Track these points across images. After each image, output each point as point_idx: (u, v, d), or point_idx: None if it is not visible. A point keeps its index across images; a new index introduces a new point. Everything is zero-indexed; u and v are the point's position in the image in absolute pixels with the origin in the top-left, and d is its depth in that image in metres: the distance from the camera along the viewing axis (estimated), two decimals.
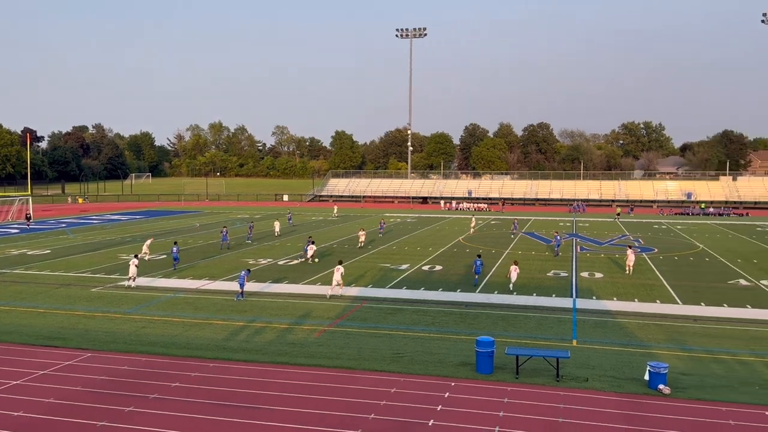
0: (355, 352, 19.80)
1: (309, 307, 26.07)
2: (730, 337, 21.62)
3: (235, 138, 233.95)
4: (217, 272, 34.42)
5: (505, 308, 25.96)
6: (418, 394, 16.09)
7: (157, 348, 20.19)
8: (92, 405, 15.31)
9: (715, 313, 25.18)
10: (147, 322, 23.62)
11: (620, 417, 14.68)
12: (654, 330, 22.64)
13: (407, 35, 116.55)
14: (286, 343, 20.85)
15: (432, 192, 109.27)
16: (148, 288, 30.15)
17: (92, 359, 19.03)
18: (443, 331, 22.38)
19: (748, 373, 17.89)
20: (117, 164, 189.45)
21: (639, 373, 17.45)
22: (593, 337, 21.73)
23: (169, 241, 46.87)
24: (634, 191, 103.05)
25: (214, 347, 20.30)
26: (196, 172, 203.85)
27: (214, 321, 23.81)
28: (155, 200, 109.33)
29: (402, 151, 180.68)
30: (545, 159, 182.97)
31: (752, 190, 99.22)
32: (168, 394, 16.11)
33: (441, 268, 36.24)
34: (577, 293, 29.16)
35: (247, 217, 73.58)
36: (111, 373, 17.73)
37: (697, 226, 64.28)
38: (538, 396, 15.95)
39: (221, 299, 27.67)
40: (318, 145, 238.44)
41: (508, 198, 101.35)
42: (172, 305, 26.58)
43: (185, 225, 63.79)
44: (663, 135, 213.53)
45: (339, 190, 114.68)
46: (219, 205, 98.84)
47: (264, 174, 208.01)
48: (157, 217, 75.09)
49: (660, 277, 33.34)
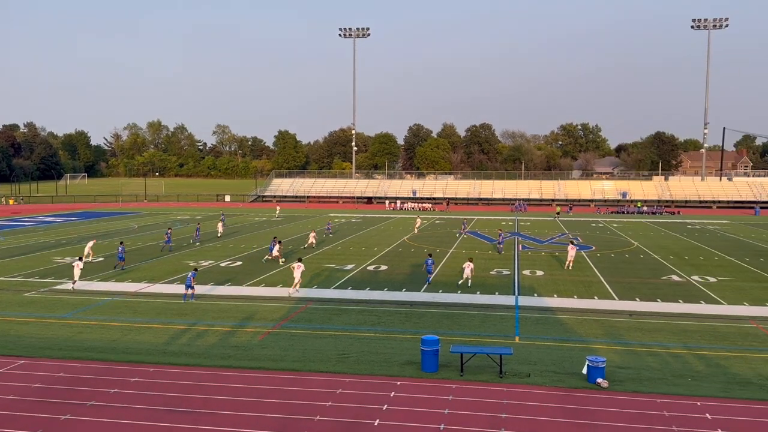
0: (300, 353, 19.67)
1: (252, 310, 25.75)
2: (664, 331, 22.42)
3: (175, 137, 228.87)
4: (157, 275, 33.63)
5: (449, 307, 26.25)
6: (364, 394, 16.10)
7: (94, 353, 19.57)
8: (26, 414, 14.72)
9: (650, 308, 26.07)
10: (83, 327, 22.87)
11: (561, 411, 15.04)
12: (592, 325, 23.29)
13: (350, 35, 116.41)
14: (229, 346, 20.53)
15: (377, 192, 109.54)
16: (85, 292, 29.20)
17: (25, 366, 18.30)
18: (389, 331, 22.46)
19: (680, 365, 18.60)
20: (51, 164, 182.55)
21: (578, 367, 17.91)
22: (535, 333, 22.20)
23: (106, 243, 45.58)
24: (572, 191, 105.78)
25: (154, 352, 19.81)
26: (134, 172, 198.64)
27: (154, 325, 23.26)
28: (92, 201, 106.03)
29: (346, 151, 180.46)
30: (488, 159, 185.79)
31: (683, 189, 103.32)
32: (106, 400, 15.64)
33: (386, 267, 36.37)
34: (519, 291, 29.73)
35: (188, 218, 72.14)
36: (45, 380, 17.09)
37: (632, 224, 66.46)
38: (482, 393, 16.19)
39: (161, 302, 27.04)
40: (260, 144, 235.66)
41: (452, 198, 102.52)
42: (110, 309, 25.82)
43: (123, 227, 62.07)
44: (599, 136, 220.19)
45: (283, 190, 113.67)
46: (158, 206, 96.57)
47: (205, 174, 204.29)
48: (94, 218, 72.83)
49: (598, 274, 34.32)
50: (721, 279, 32.81)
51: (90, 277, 32.73)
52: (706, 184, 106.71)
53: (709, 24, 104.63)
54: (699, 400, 15.67)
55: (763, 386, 16.73)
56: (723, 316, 24.78)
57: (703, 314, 24.99)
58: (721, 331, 22.38)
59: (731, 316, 24.77)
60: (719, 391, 16.31)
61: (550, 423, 14.37)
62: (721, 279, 32.82)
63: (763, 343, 21.00)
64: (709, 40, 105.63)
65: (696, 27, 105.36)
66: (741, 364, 18.62)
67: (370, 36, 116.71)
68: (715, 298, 28.18)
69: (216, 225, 54.72)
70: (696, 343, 20.85)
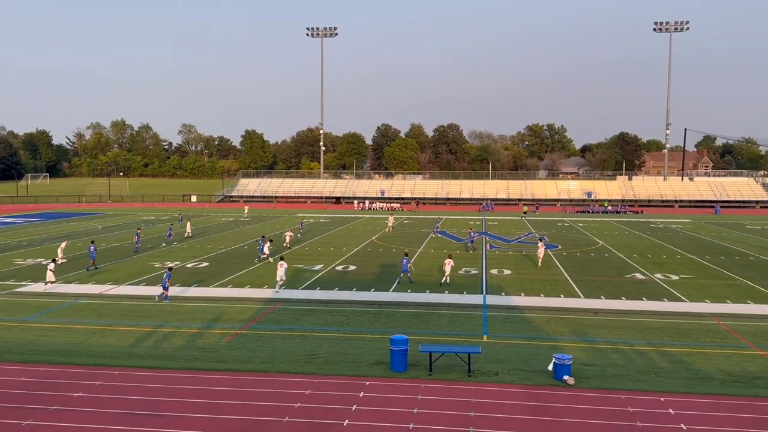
0: (268, 355, 19.53)
1: (220, 311, 25.49)
2: (628, 328, 22.81)
3: (140, 137, 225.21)
4: (122, 276, 33.07)
5: (418, 306, 26.32)
6: (333, 394, 16.06)
7: (57, 357, 19.17)
8: None
9: (614, 306, 26.49)
10: (46, 331, 22.38)
11: (528, 408, 15.20)
12: (559, 323, 23.59)
13: (318, 34, 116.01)
14: (196, 348, 20.29)
15: (345, 192, 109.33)
16: (49, 294, 28.58)
17: None
18: (358, 331, 22.44)
19: (644, 362, 18.95)
20: (11, 164, 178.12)
21: (545, 365, 18.12)
22: (503, 332, 22.39)
23: (69, 245, 44.70)
24: (539, 190, 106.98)
25: (119, 354, 19.49)
26: (98, 172, 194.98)
27: (119, 327, 22.87)
28: (54, 202, 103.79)
29: (314, 151, 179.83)
30: (455, 159, 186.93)
31: (646, 189, 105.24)
32: (70, 405, 15.33)
33: (355, 267, 36.32)
34: (487, 290, 29.96)
35: (153, 218, 71.09)
36: (6, 385, 16.68)
37: (597, 224, 67.50)
38: (450, 391, 16.27)
39: (126, 304, 26.59)
40: (227, 144, 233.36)
41: (420, 198, 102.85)
42: (74, 312, 25.31)
43: (86, 227, 60.90)
44: (565, 137, 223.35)
45: (250, 190, 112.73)
46: (123, 207, 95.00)
47: (170, 174, 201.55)
48: (57, 219, 71.31)
49: (564, 272, 34.77)
50: (683, 277, 33.51)
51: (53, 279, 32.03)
52: (669, 183, 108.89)
53: (671, 27, 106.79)
54: (662, 396, 15.98)
55: (724, 381, 17.15)
56: (685, 313, 25.31)
57: (666, 311, 25.51)
58: (683, 328, 22.86)
59: (693, 313, 25.32)
60: (682, 387, 16.67)
61: (518, 420, 14.51)
62: (683, 277, 33.52)
63: (724, 339, 21.51)
64: (670, 42, 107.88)
65: (658, 29, 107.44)
66: (703, 360, 19.04)
67: (337, 35, 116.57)
68: (677, 295, 28.76)
69: (185, 226, 54.01)
70: (659, 340, 21.26)
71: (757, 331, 22.44)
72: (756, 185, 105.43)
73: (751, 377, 17.51)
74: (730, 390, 16.48)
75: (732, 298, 28.30)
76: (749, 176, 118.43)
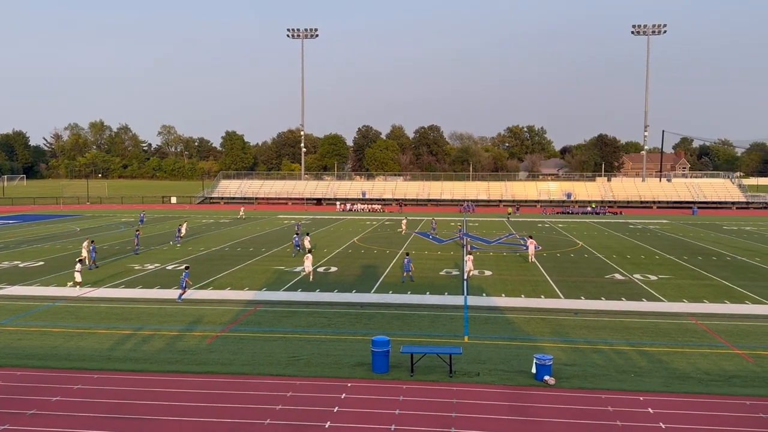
0: (249, 357, 19.43)
1: (200, 313, 25.31)
2: (608, 328, 23.02)
3: (118, 138, 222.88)
4: (100, 278, 32.70)
5: (399, 307, 26.34)
6: (315, 396, 16.03)
7: (34, 361, 18.90)
8: None
9: (594, 306, 26.72)
10: (23, 334, 22.06)
11: (509, 409, 15.28)
12: (539, 324, 23.74)
13: (299, 35, 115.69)
14: (176, 350, 20.13)
15: (326, 193, 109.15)
16: (25, 297, 28.18)
17: None
18: (339, 333, 22.40)
19: (624, 361, 19.13)
20: None
21: (526, 365, 18.24)
22: (484, 332, 22.48)
23: (47, 247, 44.17)
24: (519, 192, 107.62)
25: (98, 358, 19.27)
26: (76, 173, 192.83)
27: (98, 330, 22.61)
28: (31, 203, 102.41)
29: (295, 152, 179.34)
30: (436, 160, 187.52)
31: (625, 190, 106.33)
32: (48, 409, 15.13)
33: (336, 269, 36.25)
34: (468, 291, 30.06)
35: (132, 220, 70.39)
36: None
37: (577, 225, 68.04)
38: (432, 392, 16.31)
39: (105, 307, 26.31)
40: (207, 145, 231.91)
41: (401, 199, 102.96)
42: (51, 315, 24.98)
43: (65, 229, 60.13)
44: (545, 138, 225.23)
45: (231, 191, 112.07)
46: (102, 209, 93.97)
47: (150, 175, 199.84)
48: (34, 221, 70.33)
49: (544, 273, 34.99)
50: (661, 277, 33.90)
51: (29, 282, 31.64)
52: (647, 185, 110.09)
53: (648, 30, 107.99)
54: (642, 395, 16.15)
55: (702, 380, 17.37)
56: (663, 313, 25.60)
57: (645, 311, 25.78)
58: (661, 328, 23.12)
59: (671, 312, 25.62)
60: (660, 386, 16.86)
61: (500, 421, 14.59)
62: (662, 277, 33.90)
63: (701, 338, 21.79)
64: (648, 45, 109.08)
65: (636, 32, 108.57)
66: (681, 360, 19.27)
67: (318, 37, 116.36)
68: (656, 295, 29.08)
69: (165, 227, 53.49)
70: (638, 340, 21.48)
71: (734, 330, 22.77)
72: (732, 186, 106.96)
73: (728, 376, 17.76)
74: (708, 389, 16.70)
75: (709, 297, 28.67)
76: (726, 178, 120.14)
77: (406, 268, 32.40)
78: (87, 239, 39.74)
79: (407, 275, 32.44)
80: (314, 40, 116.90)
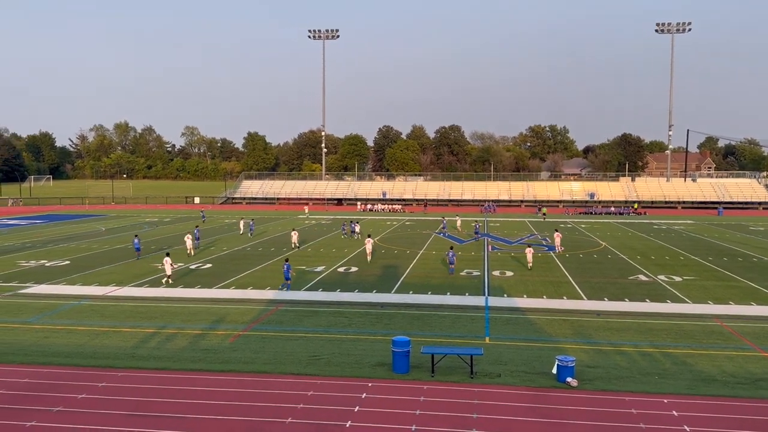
0: (271, 356, 19.55)
1: (223, 312, 25.52)
2: (631, 330, 22.78)
3: (143, 139, 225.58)
4: (125, 278, 33.12)
5: (420, 308, 26.32)
6: (336, 396, 16.07)
7: (60, 359, 19.20)
8: None
9: (617, 308, 26.45)
10: (50, 332, 22.42)
11: (531, 410, 15.19)
12: (561, 325, 23.56)
13: (319, 36, 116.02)
14: (199, 349, 20.32)
15: (347, 193, 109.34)
16: (51, 296, 28.64)
17: None
18: (360, 332, 22.44)
19: (648, 363, 18.92)
20: (14, 166, 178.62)
21: (548, 367, 18.10)
22: (505, 333, 22.37)
23: (72, 246, 44.81)
24: (541, 192, 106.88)
25: (122, 356, 19.51)
26: (101, 174, 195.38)
27: (123, 329, 22.90)
28: (57, 204, 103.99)
29: (316, 153, 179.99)
30: (457, 161, 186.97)
31: (649, 190, 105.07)
32: (74, 406, 15.35)
33: (357, 269, 36.32)
34: (489, 291, 29.94)
35: (156, 220, 71.12)
36: (10, 386, 16.71)
37: (600, 225, 67.40)
38: (453, 393, 16.26)
39: (129, 305, 26.64)
40: (230, 146, 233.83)
41: (422, 199, 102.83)
42: (77, 313, 25.36)
43: (90, 229, 60.99)
44: (567, 138, 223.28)
45: (252, 192, 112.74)
46: (126, 209, 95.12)
47: (173, 176, 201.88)
48: (60, 221, 71.41)
49: (566, 274, 34.73)
50: (686, 278, 33.46)
51: (56, 281, 32.14)
52: (671, 185, 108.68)
53: (673, 28, 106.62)
54: (666, 398, 15.96)
55: (727, 383, 17.11)
56: (688, 314, 25.27)
57: (670, 313, 25.47)
58: (686, 330, 22.83)
59: (696, 314, 25.27)
60: (685, 389, 16.64)
61: (521, 423, 14.50)
62: (687, 278, 33.46)
63: (727, 340, 21.47)
64: (672, 43, 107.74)
65: (660, 30, 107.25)
66: (706, 362, 19.01)
67: (339, 37, 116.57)
68: (680, 297, 28.72)
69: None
70: (662, 342, 21.23)
71: (760, 333, 22.40)
72: (759, 186, 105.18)
73: (755, 379, 17.48)
74: (734, 392, 16.45)
75: (735, 299, 28.25)
76: (752, 177, 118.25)
77: (451, 261, 34.71)
78: (189, 233, 43.93)
79: (452, 267, 34.66)
80: (335, 41, 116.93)
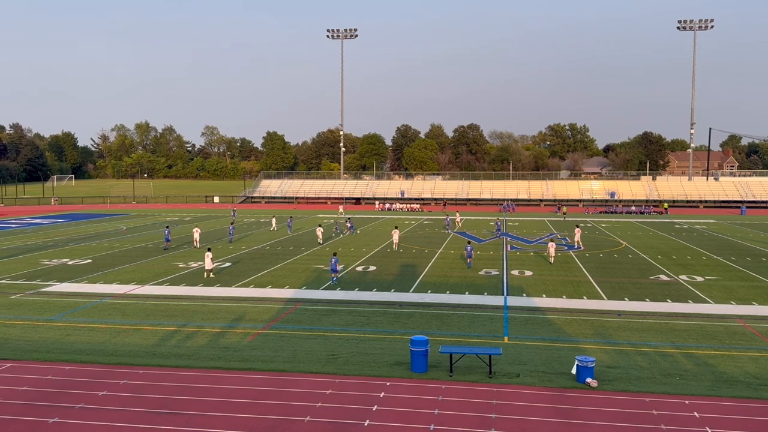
0: (290, 354, 19.63)
1: (242, 311, 25.67)
2: (652, 330, 22.56)
3: (163, 138, 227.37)
4: (146, 276, 33.45)
5: (438, 307, 26.28)
6: (354, 394, 16.10)
7: (82, 356, 19.44)
8: (14, 417, 14.61)
9: (638, 308, 26.21)
10: (72, 330, 22.72)
11: (550, 411, 15.10)
12: (581, 325, 23.40)
13: (338, 36, 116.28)
14: (219, 347, 20.46)
15: (365, 193, 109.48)
16: (73, 294, 29.00)
17: (13, 369, 18.16)
18: (378, 332, 22.46)
19: (669, 364, 18.72)
20: (37, 166, 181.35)
21: (568, 367, 17.99)
22: (524, 333, 22.26)
23: (94, 245, 45.30)
24: (560, 191, 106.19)
25: (143, 354, 19.72)
26: (122, 173, 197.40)
27: (143, 327, 23.14)
28: (79, 203, 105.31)
29: (334, 152, 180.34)
30: (476, 160, 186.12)
31: (670, 189, 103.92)
32: (95, 403, 15.54)
33: (375, 268, 36.35)
34: (507, 291, 29.81)
35: (177, 219, 71.75)
36: (33, 383, 16.96)
37: (621, 224, 66.82)
38: (471, 393, 16.22)
39: (150, 304, 26.90)
40: (249, 146, 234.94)
41: (440, 198, 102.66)
42: (99, 311, 25.66)
43: (112, 228, 61.69)
44: (587, 136, 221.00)
45: (271, 191, 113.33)
46: (147, 208, 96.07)
47: (194, 175, 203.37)
48: (82, 220, 72.32)
49: (586, 273, 34.47)
50: (708, 278, 33.06)
51: (77, 279, 32.54)
52: (693, 183, 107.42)
53: (695, 25, 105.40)
54: (687, 399, 15.78)
55: (750, 384, 16.88)
56: (710, 315, 24.97)
57: (691, 313, 25.18)
58: (708, 330, 22.55)
59: (718, 315, 24.96)
60: (707, 390, 16.44)
61: (540, 423, 14.42)
62: (709, 278, 33.06)
63: (750, 341, 21.18)
64: (694, 40, 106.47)
65: (682, 28, 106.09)
66: (728, 363, 18.77)
67: (357, 37, 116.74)
68: (702, 297, 28.39)
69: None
70: (684, 342, 20.99)
71: None
72: None
73: None
74: (757, 393, 16.23)
75: (758, 299, 27.86)
76: None
77: (469, 255, 36.36)
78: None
79: (470, 261, 36.43)
80: (353, 40, 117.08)
